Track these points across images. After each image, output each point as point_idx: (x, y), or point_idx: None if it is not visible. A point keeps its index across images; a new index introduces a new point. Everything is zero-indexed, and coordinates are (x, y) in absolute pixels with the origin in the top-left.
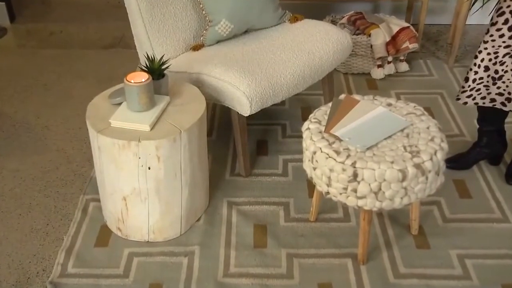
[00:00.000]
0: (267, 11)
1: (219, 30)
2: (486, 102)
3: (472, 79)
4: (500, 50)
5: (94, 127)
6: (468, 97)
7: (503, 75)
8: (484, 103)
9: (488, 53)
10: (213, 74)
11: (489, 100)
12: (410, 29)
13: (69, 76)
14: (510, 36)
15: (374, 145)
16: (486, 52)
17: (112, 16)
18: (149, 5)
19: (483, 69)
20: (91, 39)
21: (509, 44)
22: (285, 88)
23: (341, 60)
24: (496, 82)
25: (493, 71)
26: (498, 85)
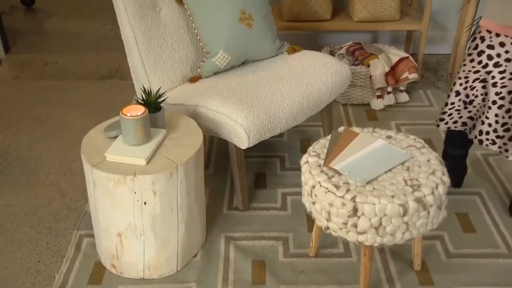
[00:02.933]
0: (265, 42)
1: (217, 61)
2: (458, 126)
3: (445, 103)
4: (470, 75)
5: (89, 161)
6: (441, 121)
7: (473, 100)
8: (455, 127)
9: (459, 78)
10: (210, 107)
11: (460, 124)
12: (409, 60)
13: (64, 108)
14: (479, 61)
15: (374, 178)
16: (458, 77)
17: (108, 46)
18: (146, 37)
19: (454, 94)
20: (87, 69)
21: (478, 70)
22: (283, 120)
23: (340, 92)
24: (467, 107)
25: (464, 95)
26: (469, 109)
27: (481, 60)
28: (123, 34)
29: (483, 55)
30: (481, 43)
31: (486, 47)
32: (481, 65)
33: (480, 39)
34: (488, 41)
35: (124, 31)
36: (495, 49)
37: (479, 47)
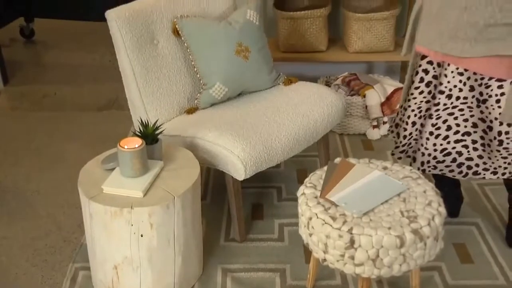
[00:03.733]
0: (261, 74)
1: (214, 93)
2: None
3: (403, 135)
4: (422, 105)
5: (86, 193)
6: (402, 152)
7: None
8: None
9: (413, 110)
10: (207, 138)
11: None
12: None
13: (61, 139)
14: (428, 92)
15: (371, 210)
16: (411, 109)
17: (106, 77)
18: (143, 70)
19: (411, 125)
20: (85, 100)
21: (429, 100)
22: (280, 151)
23: (336, 122)
24: None
25: (419, 125)
26: None
27: (430, 91)
28: (121, 66)
29: (431, 85)
30: (425, 75)
31: (432, 77)
32: (430, 95)
33: (423, 71)
34: (432, 72)
35: (122, 63)
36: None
37: (425, 79)
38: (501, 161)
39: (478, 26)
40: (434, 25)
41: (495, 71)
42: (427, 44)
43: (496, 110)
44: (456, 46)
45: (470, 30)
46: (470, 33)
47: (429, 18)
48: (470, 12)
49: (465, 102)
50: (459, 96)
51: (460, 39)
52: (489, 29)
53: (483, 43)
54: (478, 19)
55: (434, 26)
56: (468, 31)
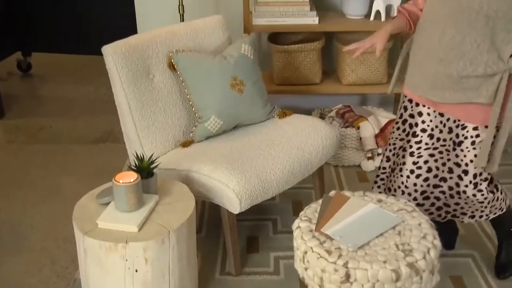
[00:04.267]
0: (256, 107)
1: (209, 126)
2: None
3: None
4: (396, 142)
5: (80, 228)
6: (375, 183)
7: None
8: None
9: (389, 144)
10: (202, 172)
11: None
12: None
13: (57, 172)
14: (403, 129)
15: (366, 243)
16: (389, 143)
17: (102, 110)
18: (139, 104)
19: (385, 159)
20: (81, 133)
21: (402, 137)
22: (275, 184)
23: (331, 155)
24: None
25: (392, 162)
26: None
27: (404, 129)
28: (117, 100)
29: (406, 123)
30: (404, 112)
31: (408, 116)
32: (404, 133)
33: (403, 108)
34: (410, 110)
35: (117, 98)
36: (414, 118)
37: (403, 116)
38: (478, 205)
39: (453, 77)
40: (418, 72)
41: (471, 117)
42: (412, 88)
43: (471, 153)
44: (437, 93)
45: (447, 81)
46: (447, 83)
47: (414, 65)
48: (445, 65)
49: (444, 144)
50: (439, 138)
51: (439, 88)
52: (463, 80)
53: (460, 92)
54: (452, 71)
55: (418, 73)
56: (445, 81)
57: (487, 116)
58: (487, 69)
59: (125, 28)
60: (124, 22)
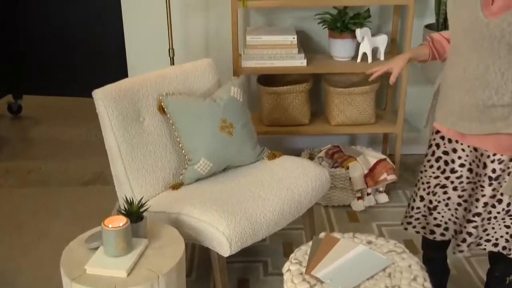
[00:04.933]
0: (245, 149)
1: (198, 168)
2: (427, 232)
3: (411, 206)
4: (431, 180)
5: (68, 275)
6: (409, 224)
7: (437, 206)
8: (425, 233)
9: (422, 183)
10: (192, 215)
11: (429, 231)
12: (386, 161)
13: (45, 215)
14: (438, 167)
15: (356, 286)
16: (421, 182)
17: (92, 152)
18: (129, 147)
19: (419, 198)
20: (70, 176)
21: (438, 175)
22: (265, 226)
23: (320, 196)
24: (432, 213)
25: (427, 201)
26: (434, 215)
27: (439, 166)
28: (107, 144)
29: (441, 160)
30: (437, 150)
31: (442, 153)
32: (439, 171)
33: (435, 145)
34: (443, 147)
35: (107, 141)
36: (449, 154)
37: (436, 153)
38: (504, 230)
39: (479, 107)
40: (446, 104)
41: (500, 148)
42: (441, 120)
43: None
44: (464, 125)
45: (474, 111)
46: (474, 113)
47: (443, 97)
48: (471, 94)
49: (479, 179)
50: (478, 172)
51: (467, 119)
52: (490, 110)
53: (487, 122)
54: (478, 101)
55: (446, 105)
56: (472, 111)
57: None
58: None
59: (116, 71)
60: (115, 65)
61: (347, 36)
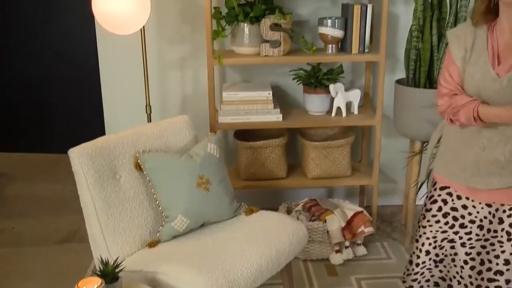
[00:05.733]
0: (222, 205)
1: (175, 225)
2: (431, 285)
3: (415, 263)
4: (438, 235)
5: None
6: (414, 281)
7: (443, 259)
8: (428, 285)
9: (427, 238)
10: (168, 273)
11: (433, 284)
12: (363, 214)
13: (18, 277)
14: (445, 222)
15: None
16: (426, 237)
17: (68, 208)
18: (105, 205)
19: (424, 253)
20: (45, 234)
21: (445, 230)
22: (242, 284)
23: (298, 251)
24: (438, 265)
25: (434, 255)
26: (439, 268)
27: (447, 221)
28: (83, 202)
29: (449, 216)
30: (444, 205)
31: (450, 209)
32: (447, 226)
33: (442, 201)
34: (451, 203)
35: (83, 199)
36: (458, 211)
37: (443, 209)
38: None
39: (500, 162)
40: (455, 160)
41: None
42: (449, 176)
43: None
44: (481, 180)
45: (493, 167)
46: (493, 169)
47: (450, 152)
48: (489, 151)
49: (495, 235)
50: (490, 229)
51: (485, 175)
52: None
53: (507, 176)
54: (499, 156)
55: (455, 161)
56: (491, 167)
57: None
58: None
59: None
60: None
61: (321, 91)
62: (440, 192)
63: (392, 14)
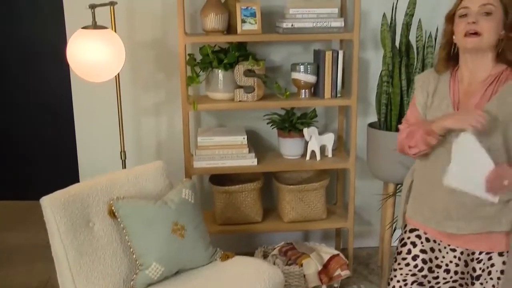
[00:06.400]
0: (197, 251)
1: (150, 273)
2: None
3: None
4: (408, 278)
5: None
6: None
7: None
8: None
9: (398, 281)
10: None
11: None
12: (340, 257)
13: None
14: (414, 265)
15: None
16: (396, 279)
17: (40, 257)
18: (77, 254)
19: None
20: (14, 284)
21: (415, 273)
22: None
23: None
24: None
25: None
26: None
27: (416, 264)
28: (54, 251)
29: (418, 259)
30: (413, 248)
31: (420, 251)
32: (417, 269)
33: (411, 244)
34: (420, 246)
35: (55, 248)
36: (427, 253)
37: (412, 251)
38: None
39: (467, 206)
40: (426, 204)
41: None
42: (422, 220)
43: (489, 283)
44: (451, 224)
45: (461, 210)
46: (461, 213)
47: (420, 197)
48: (457, 194)
49: (462, 277)
50: (457, 271)
51: (454, 219)
52: (478, 208)
53: (476, 221)
54: (466, 200)
55: (426, 204)
56: (460, 211)
57: (502, 243)
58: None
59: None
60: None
61: (296, 135)
62: (410, 234)
63: (363, 60)
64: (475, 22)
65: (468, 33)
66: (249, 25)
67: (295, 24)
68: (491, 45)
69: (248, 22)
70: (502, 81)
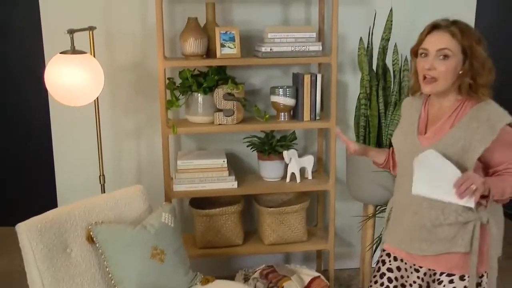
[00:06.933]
0: (177, 275)
1: None
2: None
3: None
4: None
5: None
6: None
7: None
8: None
9: None
10: None
11: None
12: (321, 279)
13: None
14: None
15: None
16: None
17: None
18: (54, 282)
19: None
20: None
21: None
22: None
23: None
24: None
25: None
26: None
27: (383, 282)
28: (30, 279)
29: (384, 277)
30: (382, 266)
31: (387, 270)
32: (383, 287)
33: (381, 262)
34: (388, 264)
35: (30, 275)
36: (393, 272)
37: (381, 269)
38: None
39: (427, 227)
40: (397, 226)
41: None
42: (390, 242)
43: None
44: (415, 246)
45: (422, 232)
46: (423, 234)
47: (394, 219)
48: (419, 216)
49: None
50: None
51: (417, 240)
52: (437, 230)
53: (436, 243)
54: (426, 221)
55: (397, 227)
56: (421, 232)
57: (463, 265)
58: (458, 217)
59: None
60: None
61: (275, 157)
62: (382, 253)
63: (341, 83)
64: (430, 69)
65: (425, 77)
66: (228, 49)
67: (274, 48)
68: (448, 87)
69: (227, 46)
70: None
